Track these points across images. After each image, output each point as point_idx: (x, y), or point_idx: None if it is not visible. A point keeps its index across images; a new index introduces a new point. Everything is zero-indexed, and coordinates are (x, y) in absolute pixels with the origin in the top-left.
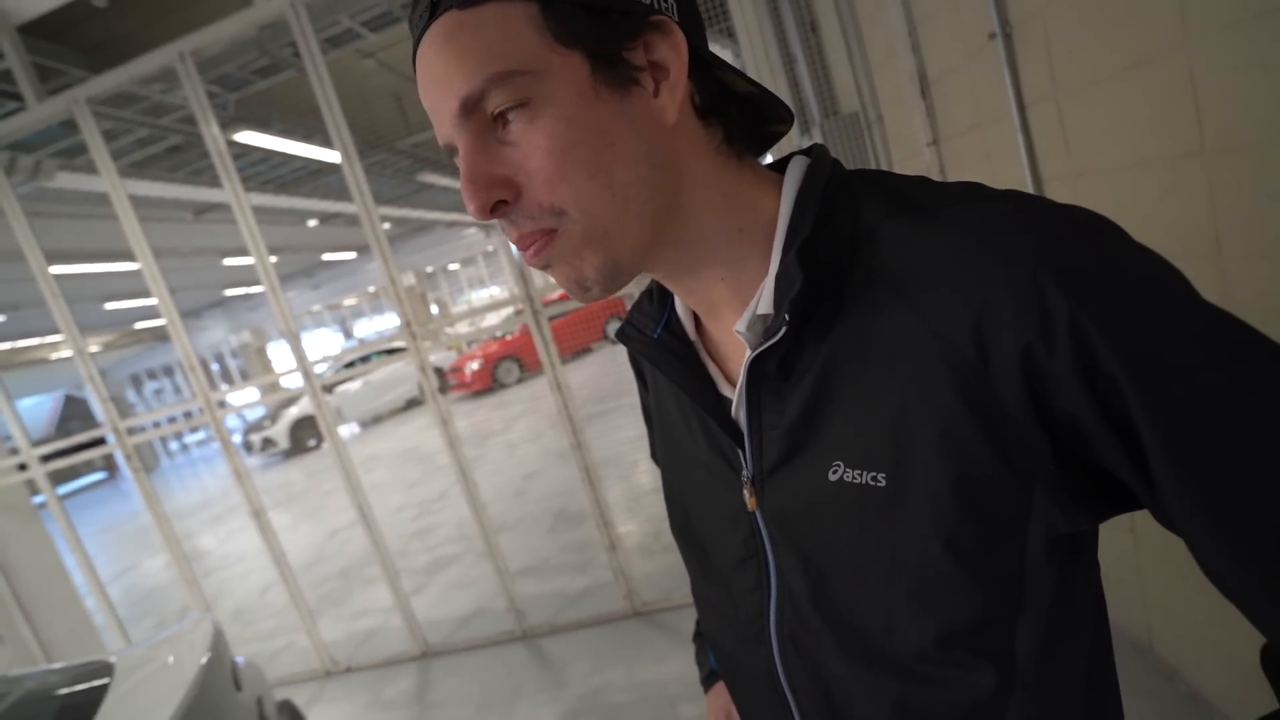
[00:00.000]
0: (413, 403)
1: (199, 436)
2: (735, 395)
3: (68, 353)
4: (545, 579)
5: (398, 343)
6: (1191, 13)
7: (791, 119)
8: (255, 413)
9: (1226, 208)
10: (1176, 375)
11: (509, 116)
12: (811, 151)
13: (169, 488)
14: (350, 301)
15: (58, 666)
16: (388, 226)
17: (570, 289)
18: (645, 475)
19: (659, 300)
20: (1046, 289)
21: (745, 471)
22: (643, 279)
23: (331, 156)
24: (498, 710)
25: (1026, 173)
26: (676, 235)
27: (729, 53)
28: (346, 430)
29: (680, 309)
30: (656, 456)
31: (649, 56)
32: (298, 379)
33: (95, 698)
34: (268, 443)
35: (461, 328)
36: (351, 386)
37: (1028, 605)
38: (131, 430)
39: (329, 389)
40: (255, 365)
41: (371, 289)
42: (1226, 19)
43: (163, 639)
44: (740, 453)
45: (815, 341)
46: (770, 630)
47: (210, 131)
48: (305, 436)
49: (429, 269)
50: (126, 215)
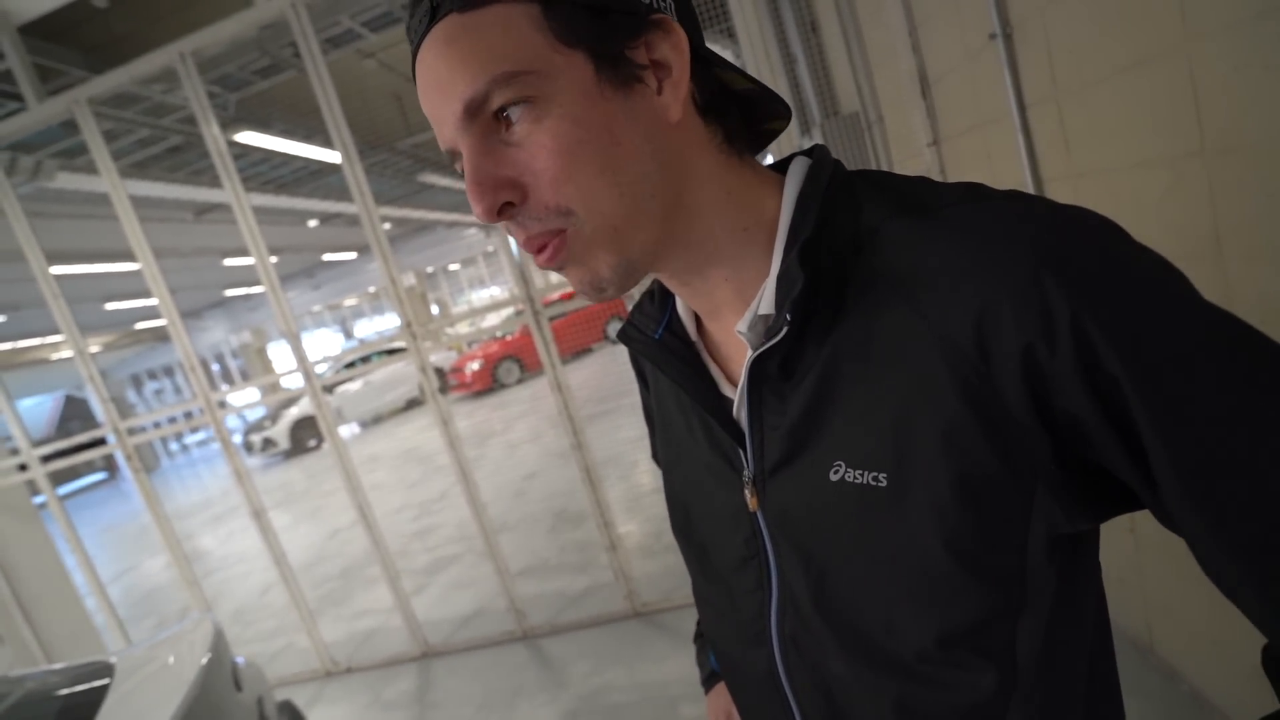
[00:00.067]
0: (413, 403)
1: (199, 437)
2: (737, 395)
3: (68, 353)
4: (545, 579)
5: (398, 343)
6: (1192, 13)
7: (789, 116)
8: (256, 413)
9: (1226, 208)
10: (1177, 375)
11: (513, 118)
12: (813, 152)
13: (169, 488)
14: (350, 302)
15: (58, 667)
16: (388, 227)
17: (585, 290)
18: (646, 475)
19: (660, 301)
20: (1048, 289)
21: (746, 472)
22: (644, 280)
23: (332, 157)
24: (498, 710)
25: (1027, 173)
26: (685, 235)
27: (729, 53)
28: (347, 430)
29: (681, 309)
30: (657, 457)
31: (651, 55)
32: (298, 379)
33: (96, 698)
34: (268, 443)
35: (462, 328)
36: (352, 387)
37: (1029, 605)
38: (132, 430)
39: (329, 389)
40: (256, 365)
41: (372, 289)
42: (1227, 19)
43: (163, 639)
44: (741, 453)
45: (816, 342)
46: (771, 631)
47: (211, 132)
48: (305, 437)
49: (429, 269)
50: (127, 215)
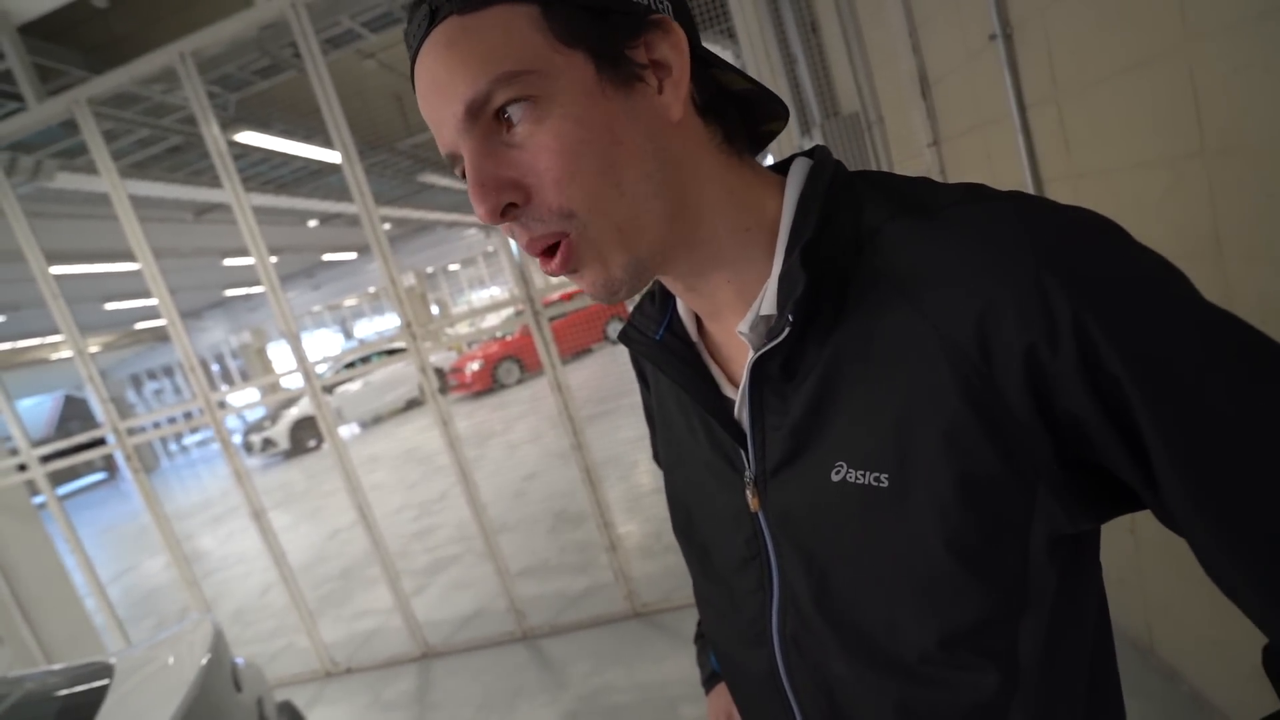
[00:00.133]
0: (413, 403)
1: (199, 437)
2: (738, 396)
3: (68, 353)
4: (546, 580)
5: (398, 343)
6: (1192, 13)
7: (787, 115)
8: (255, 413)
9: (1227, 208)
10: (1179, 375)
11: (514, 119)
12: (814, 153)
13: (169, 488)
14: (350, 302)
15: (58, 667)
16: (388, 227)
17: (598, 292)
18: (646, 476)
19: (661, 302)
20: (1049, 290)
21: (748, 472)
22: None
23: (332, 157)
24: (498, 711)
25: (1027, 173)
26: (690, 235)
27: (729, 53)
28: (347, 431)
29: (682, 310)
30: (658, 457)
31: (650, 55)
32: (298, 379)
33: (95, 699)
34: (268, 443)
35: (462, 328)
36: (352, 387)
37: (1030, 606)
38: (131, 431)
39: (329, 389)
40: (255, 366)
41: (372, 289)
42: (1227, 19)
43: (163, 640)
44: (743, 453)
45: (818, 342)
46: (772, 631)
47: (211, 132)
48: (305, 437)
49: (429, 269)
50: (127, 215)
